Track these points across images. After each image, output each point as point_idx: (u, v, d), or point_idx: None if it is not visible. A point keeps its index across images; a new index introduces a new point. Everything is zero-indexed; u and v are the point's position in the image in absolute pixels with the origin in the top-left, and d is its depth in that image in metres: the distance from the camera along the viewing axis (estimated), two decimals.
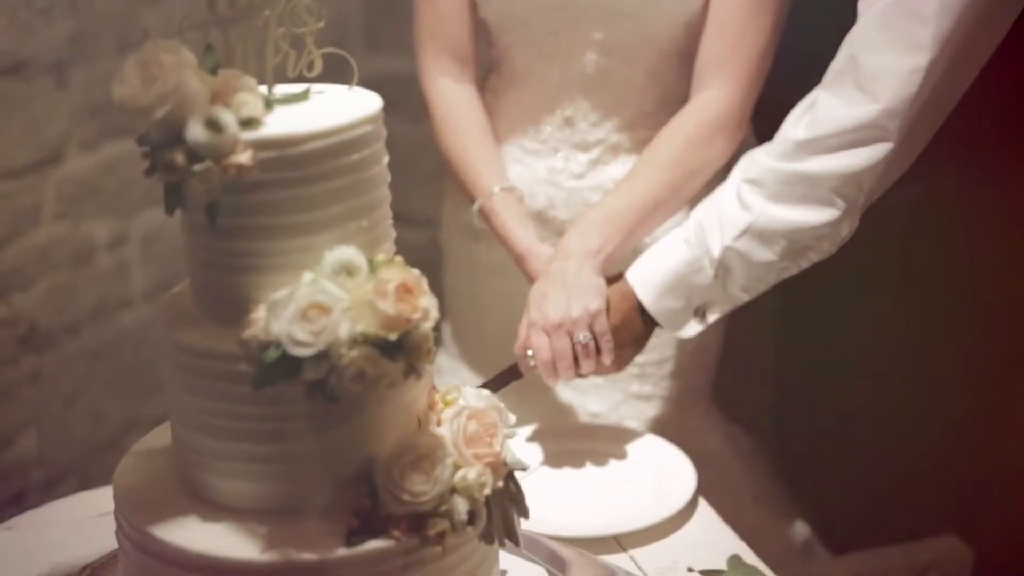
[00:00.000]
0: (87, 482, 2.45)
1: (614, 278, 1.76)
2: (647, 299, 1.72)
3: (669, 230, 1.78)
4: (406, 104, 2.03)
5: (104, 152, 2.55)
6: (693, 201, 1.81)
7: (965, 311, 2.05)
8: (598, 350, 1.71)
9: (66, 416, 2.60)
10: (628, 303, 1.74)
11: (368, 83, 1.33)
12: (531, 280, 1.80)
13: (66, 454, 2.60)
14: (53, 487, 2.55)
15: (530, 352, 1.72)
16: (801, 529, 2.21)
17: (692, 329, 1.76)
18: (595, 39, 1.84)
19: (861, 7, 1.58)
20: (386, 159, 1.28)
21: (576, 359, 1.71)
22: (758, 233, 1.65)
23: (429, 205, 2.39)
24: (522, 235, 1.84)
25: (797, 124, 1.63)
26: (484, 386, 1.69)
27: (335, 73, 1.34)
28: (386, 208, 1.29)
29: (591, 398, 2.03)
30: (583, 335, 1.69)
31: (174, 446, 1.33)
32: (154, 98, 1.17)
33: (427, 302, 1.20)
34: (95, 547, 1.52)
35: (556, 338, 1.69)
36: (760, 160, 1.66)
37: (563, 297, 1.70)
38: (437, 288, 1.91)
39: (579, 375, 1.73)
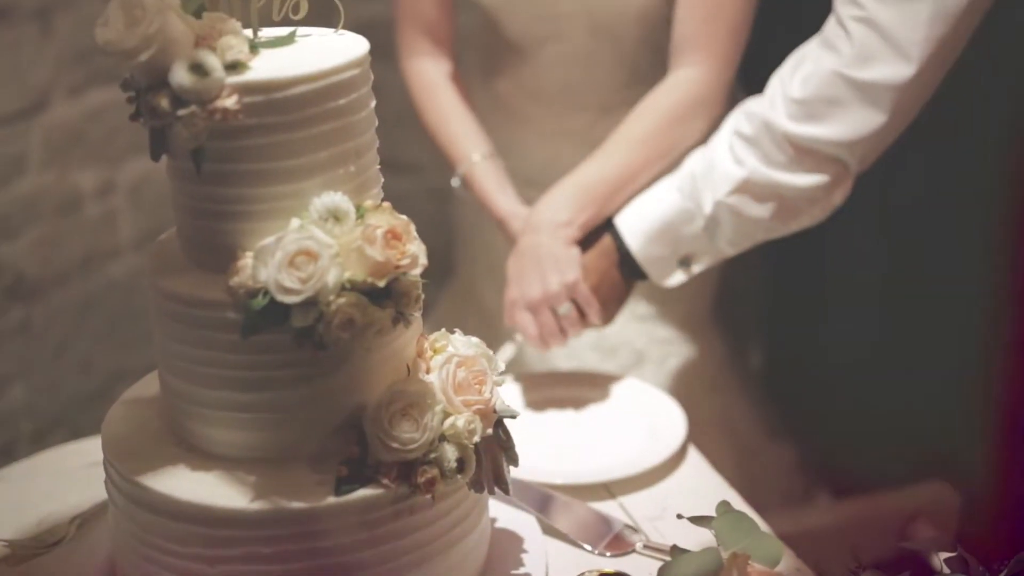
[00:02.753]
0: (76, 432, 2.44)
1: (588, 238, 1.77)
2: (634, 244, 1.72)
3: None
4: (394, 50, 2.02)
5: (90, 99, 2.53)
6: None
7: (952, 254, 2.05)
8: (582, 314, 1.73)
9: (55, 366, 2.59)
10: (606, 261, 1.75)
11: (356, 29, 1.32)
12: (512, 242, 1.80)
13: (55, 404, 2.60)
14: (42, 437, 2.54)
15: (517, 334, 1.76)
16: (794, 453, 2.22)
17: (676, 279, 1.76)
18: (579, 25, 1.85)
19: None
20: (373, 103, 1.26)
21: (562, 328, 1.73)
22: (751, 190, 1.64)
23: (417, 152, 2.38)
24: (502, 199, 1.85)
25: (792, 78, 1.61)
26: None
27: (322, 17, 1.33)
28: (374, 153, 1.27)
29: None
30: (564, 307, 1.71)
31: (162, 395, 1.32)
32: (138, 41, 1.15)
33: (415, 248, 1.19)
34: (85, 497, 1.52)
35: (539, 314, 1.71)
36: (754, 114, 1.65)
37: (538, 273, 1.71)
38: (440, 235, 1.92)
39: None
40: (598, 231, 1.77)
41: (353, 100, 1.22)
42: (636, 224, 1.72)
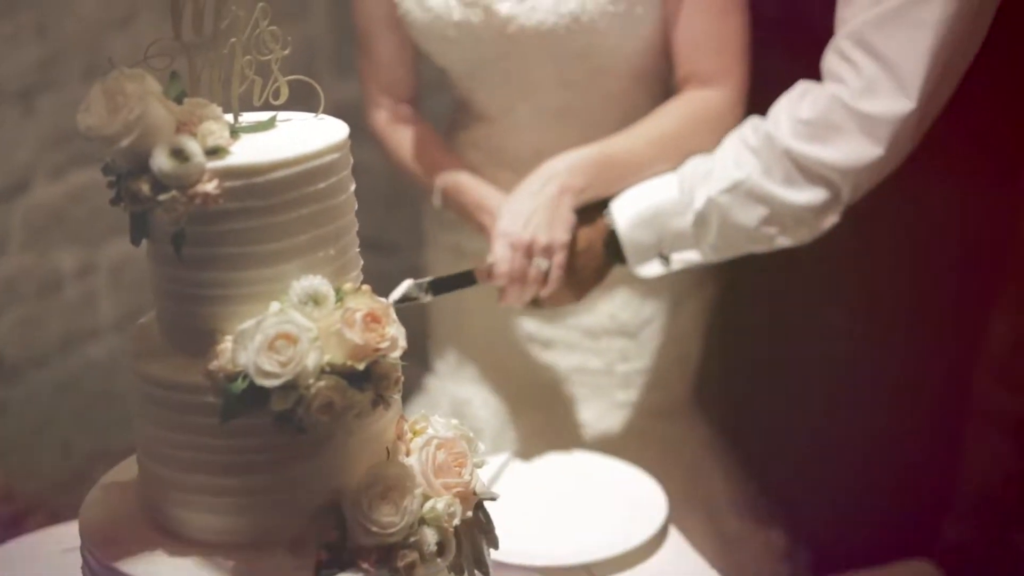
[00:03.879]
0: (55, 516, 2.42)
1: (582, 211, 1.82)
2: (623, 224, 1.77)
3: None
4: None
5: (72, 180, 2.54)
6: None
7: (917, 332, 2.07)
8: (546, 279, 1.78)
9: (33, 449, 2.57)
10: (596, 233, 1.81)
11: (337, 109, 1.33)
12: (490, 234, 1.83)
13: (33, 487, 2.58)
14: (20, 521, 2.52)
15: (490, 260, 1.78)
16: (779, 537, 2.22)
17: (653, 269, 1.80)
18: (549, 78, 1.87)
19: (846, 13, 1.62)
20: (353, 187, 1.27)
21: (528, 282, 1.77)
22: (744, 193, 1.70)
23: (396, 232, 2.39)
24: (488, 189, 1.89)
25: (801, 100, 1.66)
26: (435, 283, 1.74)
27: (303, 99, 1.34)
28: (353, 236, 1.28)
29: (577, 407, 2.05)
30: (543, 262, 1.73)
31: (140, 479, 1.31)
32: (119, 127, 1.16)
33: (395, 331, 1.19)
34: None
35: (520, 255, 1.73)
36: (760, 128, 1.72)
37: (536, 219, 1.75)
38: (419, 316, 1.93)
39: (531, 301, 1.79)
40: (594, 206, 1.81)
41: (333, 184, 1.23)
42: (629, 206, 1.79)
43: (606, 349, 2.02)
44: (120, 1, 2.53)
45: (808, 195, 1.67)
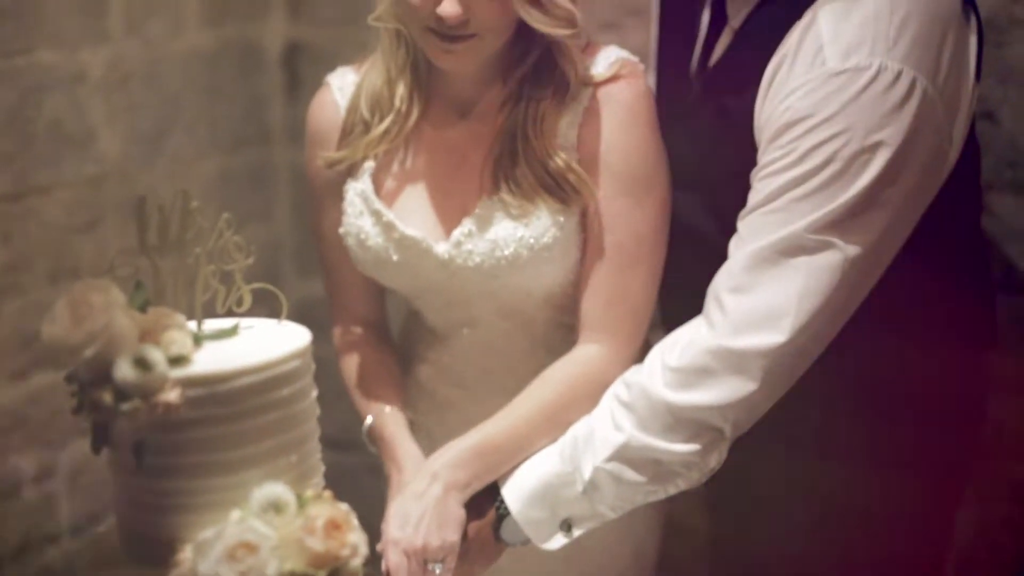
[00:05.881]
0: None
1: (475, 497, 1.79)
2: (514, 507, 1.74)
3: None
4: None
5: (32, 382, 2.53)
6: None
7: (888, 526, 2.06)
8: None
9: None
10: (483, 521, 1.77)
11: (302, 307, 1.35)
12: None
13: None
14: None
15: (385, 567, 1.72)
16: None
17: (557, 542, 1.77)
18: (489, 309, 1.90)
19: (731, 246, 1.65)
20: (315, 393, 1.29)
21: None
22: (628, 456, 1.67)
23: (359, 429, 2.39)
24: (407, 444, 1.86)
25: (672, 349, 1.66)
26: None
27: (267, 301, 1.36)
28: (315, 442, 1.29)
29: None
30: (437, 567, 1.71)
31: None
32: (83, 337, 1.18)
33: (356, 538, 1.19)
34: None
35: (414, 562, 1.71)
36: (633, 383, 1.70)
37: (425, 524, 1.72)
38: (376, 506, 1.92)
39: None
40: (481, 492, 1.79)
41: (296, 390, 1.25)
42: (517, 487, 1.75)
43: (559, 550, 2.00)
44: (85, 207, 2.57)
45: (690, 443, 1.66)
